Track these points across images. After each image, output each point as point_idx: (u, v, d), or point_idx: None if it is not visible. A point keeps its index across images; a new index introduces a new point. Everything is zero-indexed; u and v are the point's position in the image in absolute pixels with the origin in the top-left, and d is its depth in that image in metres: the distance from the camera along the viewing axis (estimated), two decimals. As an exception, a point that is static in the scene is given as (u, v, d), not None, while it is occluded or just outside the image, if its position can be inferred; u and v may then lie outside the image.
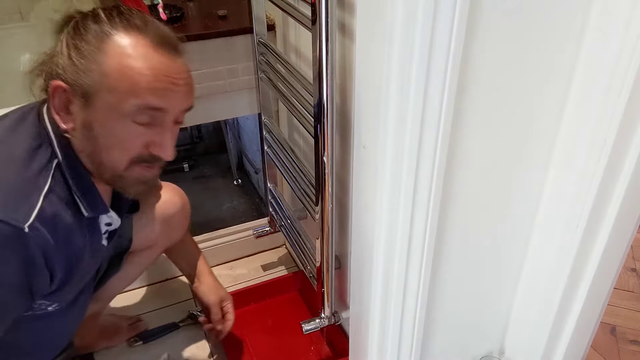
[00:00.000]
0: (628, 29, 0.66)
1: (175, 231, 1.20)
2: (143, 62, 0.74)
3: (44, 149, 0.79)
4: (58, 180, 0.79)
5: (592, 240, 0.83)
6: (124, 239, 1.08)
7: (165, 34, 0.78)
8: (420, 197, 0.76)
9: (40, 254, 0.75)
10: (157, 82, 0.75)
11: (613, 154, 0.74)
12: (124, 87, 0.74)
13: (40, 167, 0.77)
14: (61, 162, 0.79)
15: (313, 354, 1.33)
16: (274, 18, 1.30)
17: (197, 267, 1.30)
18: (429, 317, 0.93)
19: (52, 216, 0.76)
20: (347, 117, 0.95)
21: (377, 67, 0.70)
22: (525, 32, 0.69)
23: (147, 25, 0.77)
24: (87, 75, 0.74)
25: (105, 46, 0.74)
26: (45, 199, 0.76)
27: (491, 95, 0.73)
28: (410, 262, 0.83)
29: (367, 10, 0.70)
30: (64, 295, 0.89)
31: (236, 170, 2.17)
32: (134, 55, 0.74)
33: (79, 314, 1.02)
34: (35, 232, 0.73)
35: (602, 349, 1.43)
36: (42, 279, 0.78)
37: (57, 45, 0.77)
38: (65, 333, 1.01)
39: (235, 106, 1.41)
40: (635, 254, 1.78)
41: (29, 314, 0.85)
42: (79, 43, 0.75)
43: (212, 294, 1.27)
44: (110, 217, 0.91)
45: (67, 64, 0.75)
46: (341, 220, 1.10)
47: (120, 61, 0.74)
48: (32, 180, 0.76)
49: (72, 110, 0.77)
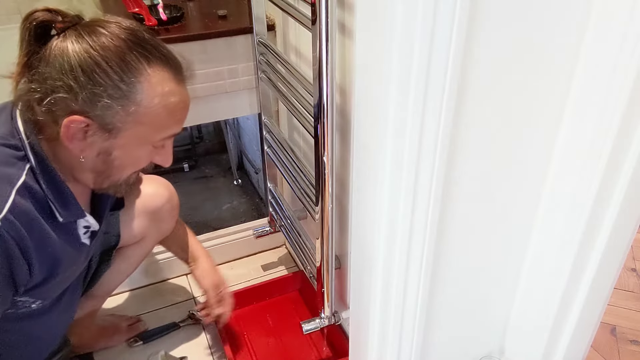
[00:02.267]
0: (631, 16, 0.66)
1: (164, 223, 1.19)
2: (172, 98, 0.77)
3: (17, 150, 0.77)
4: (31, 181, 0.77)
5: (592, 240, 0.83)
6: (111, 235, 1.08)
7: (178, 63, 0.80)
8: (420, 197, 0.76)
9: (14, 244, 0.74)
10: (182, 114, 0.81)
11: (613, 154, 0.74)
12: (156, 122, 0.78)
13: (12, 163, 0.76)
14: (34, 166, 0.78)
15: (313, 354, 1.34)
16: (274, 18, 1.30)
17: (190, 250, 1.28)
18: (429, 317, 0.93)
19: (25, 212, 0.75)
20: (347, 117, 0.95)
21: (377, 67, 0.70)
22: (525, 32, 0.69)
23: (166, 56, 0.78)
24: (115, 112, 0.74)
25: (134, 84, 0.74)
26: (18, 193, 0.74)
27: (491, 96, 0.73)
28: (410, 262, 0.83)
29: (367, 10, 0.70)
30: (48, 292, 0.88)
31: (236, 170, 2.17)
32: (163, 93, 0.76)
33: (66, 313, 1.02)
34: (8, 225, 0.72)
35: (602, 349, 1.43)
36: (21, 268, 0.77)
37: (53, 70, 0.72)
38: (54, 332, 1.00)
39: (235, 106, 1.41)
40: (635, 254, 1.77)
41: (12, 312, 0.84)
42: (100, 78, 0.72)
43: (207, 279, 1.26)
44: (87, 221, 0.90)
45: (87, 98, 0.72)
46: (341, 220, 1.10)
47: (153, 99, 0.75)
48: (4, 173, 0.75)
49: (89, 139, 0.76)
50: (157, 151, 0.83)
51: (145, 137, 0.79)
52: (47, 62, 0.73)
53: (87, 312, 1.20)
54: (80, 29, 0.74)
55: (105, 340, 1.32)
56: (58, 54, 0.73)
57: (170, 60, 0.78)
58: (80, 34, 0.73)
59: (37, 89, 0.74)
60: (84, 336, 1.25)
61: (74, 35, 0.73)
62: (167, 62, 0.77)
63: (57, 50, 0.73)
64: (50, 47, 0.73)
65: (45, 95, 0.73)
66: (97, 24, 0.75)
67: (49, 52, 0.73)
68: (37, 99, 0.74)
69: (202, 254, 1.29)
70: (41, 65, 0.73)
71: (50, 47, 0.73)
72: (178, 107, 0.79)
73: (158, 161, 0.85)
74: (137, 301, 1.48)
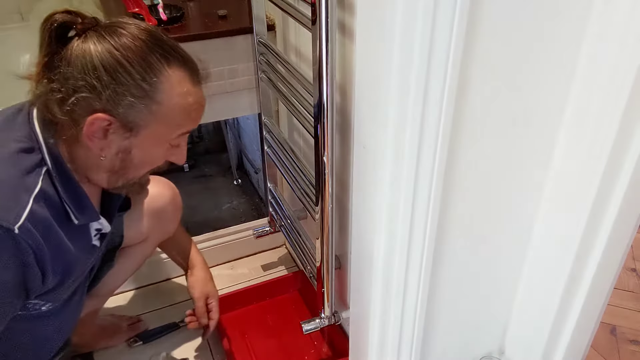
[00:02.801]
0: (629, 23, 0.66)
1: (167, 224, 1.20)
2: (190, 98, 0.80)
3: (34, 154, 0.78)
4: (47, 186, 0.78)
5: (592, 240, 0.83)
6: (115, 235, 1.09)
7: (195, 64, 0.82)
8: (420, 197, 0.76)
9: (31, 253, 0.74)
10: (197, 114, 0.83)
11: (613, 153, 0.74)
12: (175, 121, 0.80)
13: (30, 169, 0.76)
14: (50, 169, 0.78)
15: (313, 354, 1.34)
16: (274, 18, 1.30)
17: (190, 258, 1.30)
18: (429, 317, 0.93)
19: (42, 219, 0.76)
20: (347, 117, 0.95)
21: (377, 67, 0.70)
22: (525, 31, 0.69)
23: (183, 57, 0.79)
24: (137, 111, 0.75)
25: (155, 84, 0.75)
26: (35, 201, 0.75)
27: (491, 96, 0.73)
28: (410, 262, 0.83)
29: (367, 10, 0.70)
30: (58, 295, 0.89)
31: (236, 170, 2.17)
32: (183, 92, 0.78)
33: (74, 313, 1.02)
34: (26, 233, 0.73)
35: (602, 349, 1.43)
36: (35, 277, 0.78)
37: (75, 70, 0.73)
38: (61, 332, 1.01)
39: (235, 106, 1.41)
40: (635, 254, 1.78)
41: (23, 313, 0.85)
42: (123, 77, 0.73)
43: (198, 288, 1.27)
44: (100, 224, 0.91)
45: (110, 97, 0.73)
46: (341, 220, 1.10)
47: (172, 98, 0.77)
48: (22, 181, 0.75)
49: (110, 137, 0.77)
50: (173, 150, 0.85)
51: (163, 136, 0.81)
52: (68, 62, 0.74)
53: (88, 312, 1.20)
54: (101, 30, 0.75)
55: (106, 340, 1.32)
56: (80, 54, 0.73)
57: (188, 61, 0.80)
58: (101, 34, 0.74)
59: (59, 89, 0.74)
60: (85, 336, 1.25)
61: (96, 36, 0.74)
62: (185, 63, 0.79)
63: (79, 50, 0.74)
64: (72, 47, 0.74)
65: (67, 95, 0.74)
66: (116, 25, 0.76)
67: (70, 53, 0.74)
68: (59, 98, 0.74)
69: (199, 263, 1.30)
70: (62, 66, 0.74)
71: (72, 48, 0.74)
72: (194, 107, 0.81)
73: (173, 159, 0.87)
74: (137, 301, 1.48)
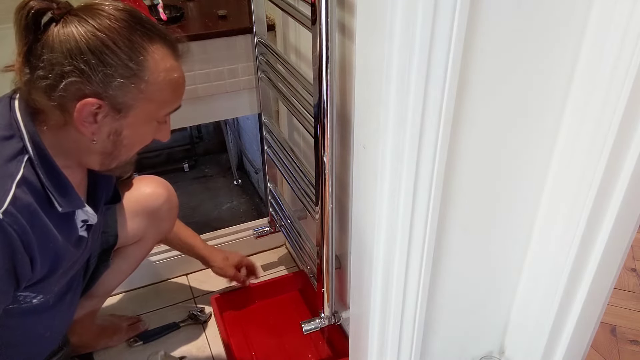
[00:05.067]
0: (629, 23, 0.66)
1: (163, 223, 1.19)
2: (174, 73, 0.81)
3: (15, 141, 0.77)
4: (29, 173, 0.77)
5: (592, 240, 0.83)
6: (109, 234, 1.08)
7: (172, 39, 0.82)
8: (420, 196, 0.76)
9: (17, 238, 0.74)
10: (182, 88, 0.84)
11: (613, 153, 0.74)
12: (162, 98, 0.81)
13: (11, 157, 0.76)
14: (32, 157, 0.78)
15: (313, 354, 1.34)
16: (274, 18, 1.30)
17: (201, 253, 1.36)
18: (429, 317, 0.93)
19: (26, 205, 0.76)
20: (347, 117, 0.95)
21: (377, 67, 0.70)
22: (525, 31, 0.69)
23: (163, 33, 0.80)
24: (127, 92, 0.76)
25: (142, 62, 0.76)
26: (18, 187, 0.75)
27: (491, 96, 0.73)
28: (410, 262, 0.83)
29: (367, 10, 0.70)
30: (49, 286, 0.88)
31: (236, 170, 2.17)
32: (168, 68, 0.79)
33: (66, 312, 1.02)
34: (11, 217, 0.73)
35: (602, 349, 1.43)
36: (24, 263, 0.77)
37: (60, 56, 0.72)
38: (55, 330, 1.00)
39: (235, 106, 1.41)
40: (635, 254, 1.78)
41: (14, 307, 0.85)
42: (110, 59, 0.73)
43: (227, 270, 1.39)
44: (86, 213, 0.90)
45: (100, 80, 0.73)
46: (341, 220, 1.10)
47: (159, 75, 0.78)
48: (4, 168, 0.75)
49: (100, 120, 0.77)
50: (160, 127, 0.86)
51: (152, 114, 0.82)
52: (51, 48, 0.73)
53: (87, 312, 1.21)
54: (80, 13, 0.74)
55: (105, 340, 1.32)
56: (64, 39, 0.72)
57: (167, 37, 0.81)
58: (82, 17, 0.73)
59: (46, 76, 0.73)
60: (84, 336, 1.25)
61: (76, 20, 0.73)
62: (165, 40, 0.80)
63: (62, 35, 0.73)
64: (52, 33, 0.73)
65: (55, 81, 0.73)
66: (94, 7, 0.75)
67: (52, 39, 0.73)
68: (46, 85, 0.74)
69: (210, 250, 1.38)
70: (46, 52, 0.73)
71: (53, 34, 0.73)
72: (179, 82, 0.82)
73: (159, 137, 0.88)
74: (137, 301, 1.48)
